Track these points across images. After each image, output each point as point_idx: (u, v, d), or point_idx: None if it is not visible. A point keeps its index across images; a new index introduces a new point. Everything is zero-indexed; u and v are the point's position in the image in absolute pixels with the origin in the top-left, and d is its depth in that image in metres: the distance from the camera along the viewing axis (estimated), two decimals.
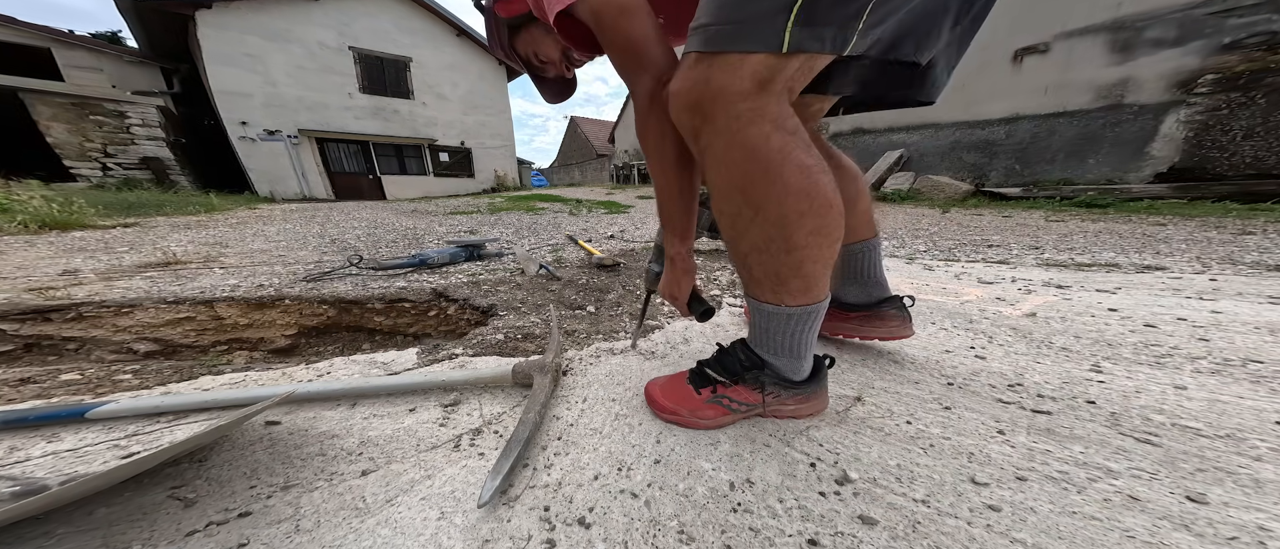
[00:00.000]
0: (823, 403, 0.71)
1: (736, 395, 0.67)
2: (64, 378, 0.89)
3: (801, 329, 0.61)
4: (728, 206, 0.55)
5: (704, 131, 0.51)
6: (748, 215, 0.53)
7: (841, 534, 0.48)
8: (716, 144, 0.51)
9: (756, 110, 0.47)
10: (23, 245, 2.76)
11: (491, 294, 1.59)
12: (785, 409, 0.68)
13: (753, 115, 0.47)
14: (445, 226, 4.18)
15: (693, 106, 0.51)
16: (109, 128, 9.32)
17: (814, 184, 0.50)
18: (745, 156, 0.49)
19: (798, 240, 0.52)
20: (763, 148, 0.48)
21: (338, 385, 0.78)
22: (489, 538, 0.48)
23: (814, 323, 0.62)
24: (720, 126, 0.49)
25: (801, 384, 0.67)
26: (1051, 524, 0.49)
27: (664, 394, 0.72)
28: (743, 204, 0.52)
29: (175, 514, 0.52)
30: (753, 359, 0.67)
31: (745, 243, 0.56)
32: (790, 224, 0.51)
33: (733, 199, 0.53)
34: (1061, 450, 0.62)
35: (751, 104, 0.47)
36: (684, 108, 0.52)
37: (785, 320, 0.60)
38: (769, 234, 0.53)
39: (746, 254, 0.57)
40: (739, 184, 0.51)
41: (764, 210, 0.51)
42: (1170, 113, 5.13)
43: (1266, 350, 0.93)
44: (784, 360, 0.65)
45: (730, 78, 0.46)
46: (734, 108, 0.47)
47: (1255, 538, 0.47)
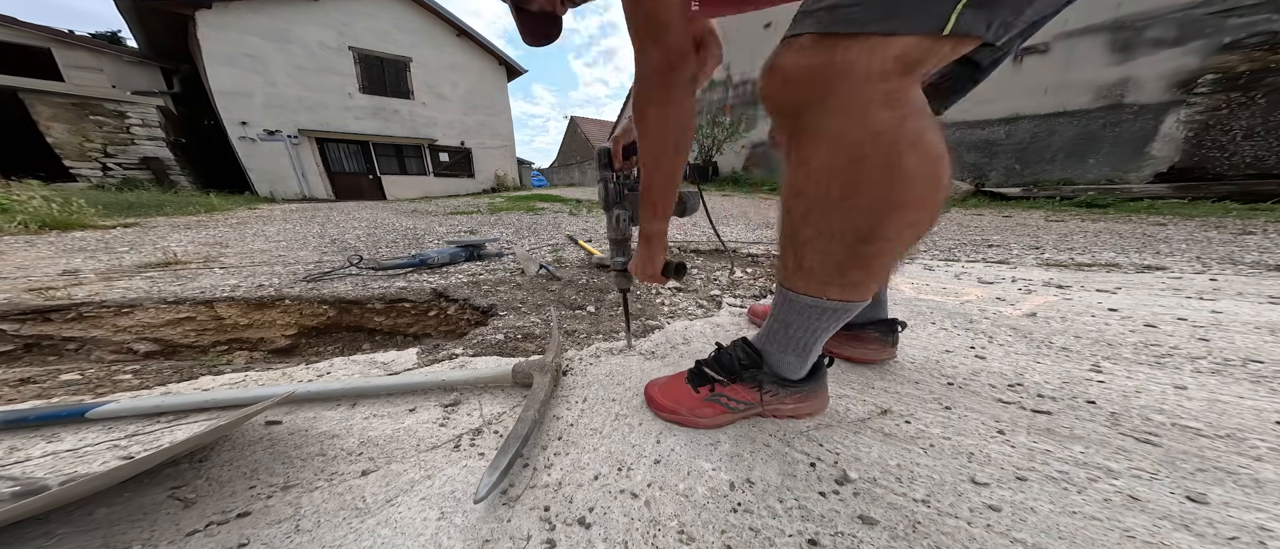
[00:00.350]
0: (823, 402, 0.70)
1: (734, 394, 0.67)
2: (64, 378, 0.89)
3: (825, 327, 0.59)
4: (811, 188, 0.48)
5: (812, 111, 0.44)
6: (834, 199, 0.46)
7: (841, 534, 0.48)
8: (829, 123, 0.44)
9: (894, 94, 0.41)
10: (23, 245, 2.76)
11: (491, 294, 1.59)
12: (784, 408, 0.68)
13: (888, 98, 0.41)
14: (445, 226, 4.18)
15: (806, 82, 0.44)
16: (109, 128, 9.33)
17: (937, 176, 0.44)
18: (870, 138, 0.42)
19: (886, 232, 0.46)
20: (892, 132, 0.41)
21: (338, 385, 0.78)
22: (489, 538, 0.48)
23: (839, 322, 0.59)
24: (843, 104, 0.42)
25: (799, 383, 0.67)
26: (1051, 524, 0.49)
27: (663, 394, 0.72)
28: (833, 185, 0.46)
29: (175, 514, 0.52)
30: (751, 357, 0.67)
31: (812, 228, 0.50)
32: (886, 213, 0.45)
33: (822, 181, 0.47)
34: (1061, 450, 0.62)
35: (891, 85, 0.40)
36: (791, 83, 0.45)
37: (818, 316, 0.57)
38: (851, 222, 0.47)
39: (807, 241, 0.52)
40: (842, 167, 0.45)
41: (859, 196, 0.45)
42: (1170, 113, 5.13)
43: (1266, 350, 0.93)
44: (789, 358, 0.64)
45: (867, 58, 0.40)
46: (865, 89, 0.41)
47: (1255, 538, 0.47)
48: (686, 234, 3.39)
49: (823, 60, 0.42)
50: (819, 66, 0.42)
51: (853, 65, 0.40)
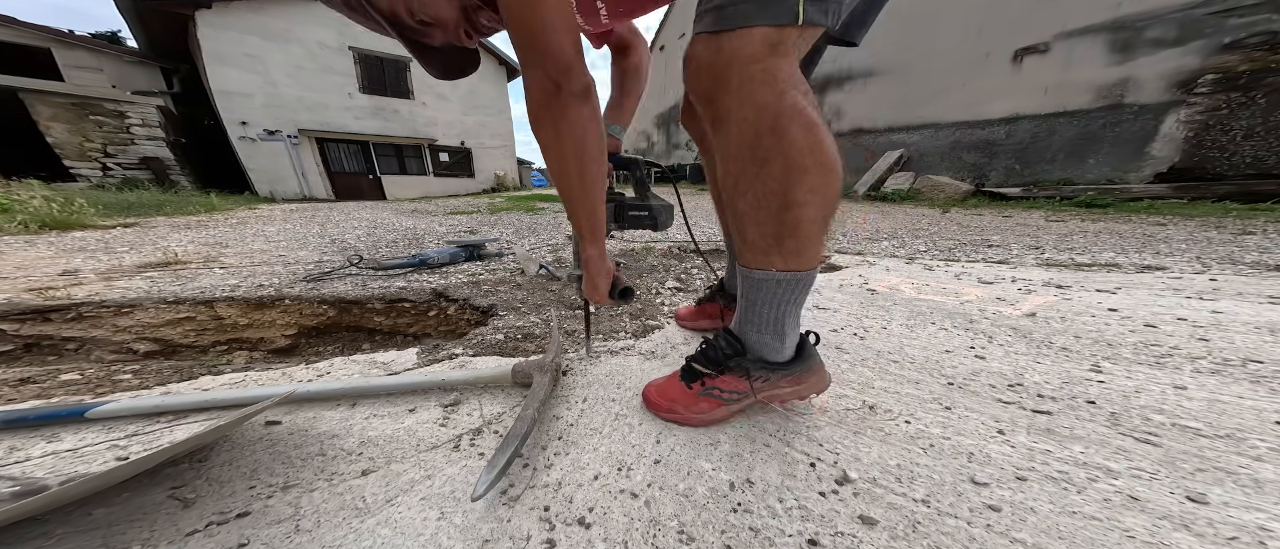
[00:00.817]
0: (821, 380, 0.69)
1: (724, 385, 0.67)
2: (64, 378, 0.89)
3: (787, 301, 0.61)
4: (733, 166, 0.56)
5: (719, 96, 0.54)
6: (752, 172, 0.54)
7: (841, 534, 0.48)
8: (731, 104, 0.53)
9: (769, 70, 0.50)
10: (23, 245, 2.76)
11: (491, 294, 1.59)
12: (781, 392, 0.67)
13: (765, 75, 0.50)
14: (445, 226, 4.18)
15: (706, 71, 0.54)
16: (109, 128, 9.33)
17: (819, 142, 0.52)
18: (757, 113, 0.51)
19: (797, 196, 0.53)
20: (774, 104, 0.51)
21: (338, 385, 0.78)
22: (489, 538, 0.48)
23: (799, 295, 0.62)
24: (734, 87, 0.52)
25: (788, 365, 0.66)
26: (1051, 524, 0.49)
27: (659, 394, 0.73)
28: (748, 161, 0.54)
29: (175, 514, 0.52)
30: (733, 345, 0.67)
31: (744, 201, 0.57)
32: (792, 179, 0.52)
33: (740, 157, 0.55)
34: (1061, 450, 0.62)
35: (764, 64, 0.50)
36: (702, 73, 0.55)
37: (774, 288, 0.60)
38: (770, 189, 0.54)
39: (744, 213, 0.58)
40: (748, 141, 0.53)
41: (769, 165, 0.53)
42: (1170, 113, 5.13)
43: (1266, 350, 0.93)
44: (766, 338, 0.65)
45: (742, 43, 0.50)
46: (748, 69, 0.51)
47: (1255, 538, 0.47)
48: (686, 234, 3.39)
49: (714, 50, 0.53)
50: (713, 56, 0.53)
51: (735, 52, 0.51)
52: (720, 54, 0.52)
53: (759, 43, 0.50)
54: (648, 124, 20.62)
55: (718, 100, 0.55)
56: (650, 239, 3.08)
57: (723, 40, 0.51)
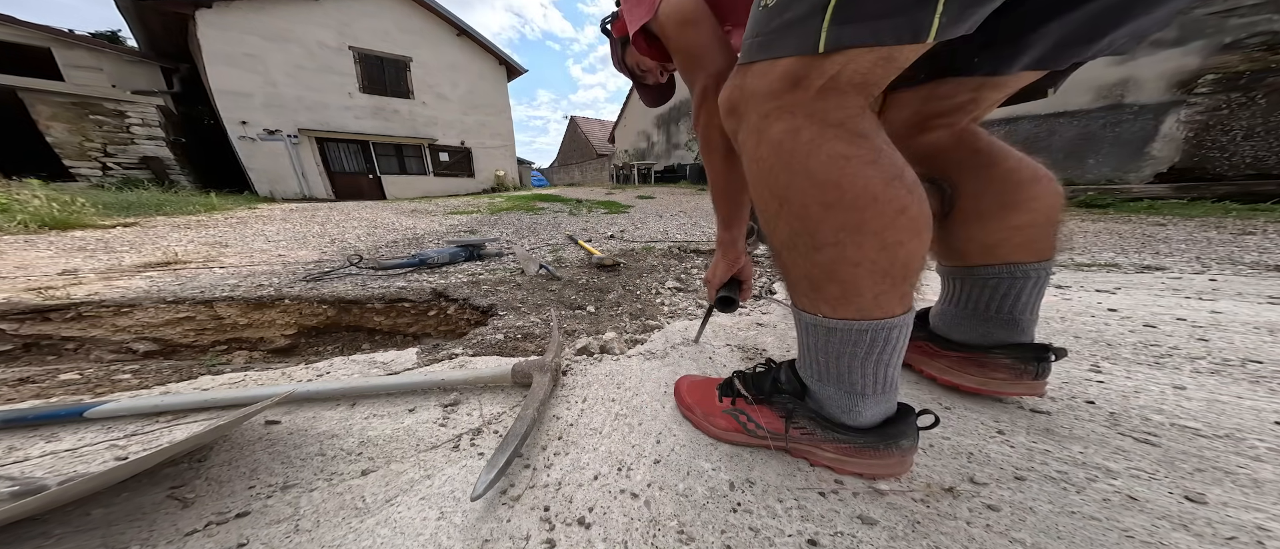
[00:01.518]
0: (894, 465, 0.55)
1: (756, 415, 0.61)
2: (63, 377, 0.89)
3: (849, 351, 0.51)
4: (759, 203, 0.53)
5: (739, 131, 0.53)
6: (774, 208, 0.51)
7: (841, 534, 0.48)
8: (748, 142, 0.51)
9: (784, 106, 0.47)
10: (23, 245, 2.76)
11: (491, 294, 1.59)
12: (822, 454, 0.57)
13: (779, 111, 0.47)
14: (445, 226, 4.18)
15: (728, 109, 0.53)
16: (109, 127, 9.32)
17: (844, 174, 0.45)
18: (771, 150, 0.48)
19: (824, 236, 0.47)
20: (787, 141, 0.47)
21: (337, 385, 0.78)
22: (489, 538, 0.48)
23: (872, 349, 0.50)
24: (751, 125, 0.50)
25: (855, 431, 0.54)
26: (1051, 524, 0.49)
27: (689, 391, 0.73)
28: (770, 197, 0.51)
29: (174, 514, 0.52)
30: (794, 384, 0.59)
31: (776, 239, 0.53)
32: (814, 218, 0.47)
33: (762, 194, 0.52)
34: (1061, 450, 0.62)
35: (780, 101, 0.47)
36: (723, 112, 0.55)
37: (826, 336, 0.52)
38: (794, 228, 0.49)
39: (779, 251, 0.54)
40: (766, 178, 0.50)
41: (788, 203, 0.49)
42: (1170, 113, 5.13)
43: (1266, 350, 0.93)
44: (829, 391, 0.55)
45: (759, 80, 0.48)
46: (763, 105, 0.48)
47: (1254, 538, 0.47)
48: (687, 234, 3.39)
49: (737, 83, 0.51)
50: (735, 89, 0.51)
51: (754, 89, 0.48)
52: (742, 90, 0.50)
53: (777, 79, 0.46)
54: (648, 124, 20.63)
55: (738, 136, 0.53)
56: (650, 239, 3.08)
57: (747, 77, 0.50)
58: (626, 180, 16.47)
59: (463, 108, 15.59)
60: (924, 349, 0.83)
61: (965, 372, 0.77)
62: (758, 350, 1.01)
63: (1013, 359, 0.72)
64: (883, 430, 0.54)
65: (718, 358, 0.97)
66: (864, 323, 0.49)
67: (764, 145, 0.49)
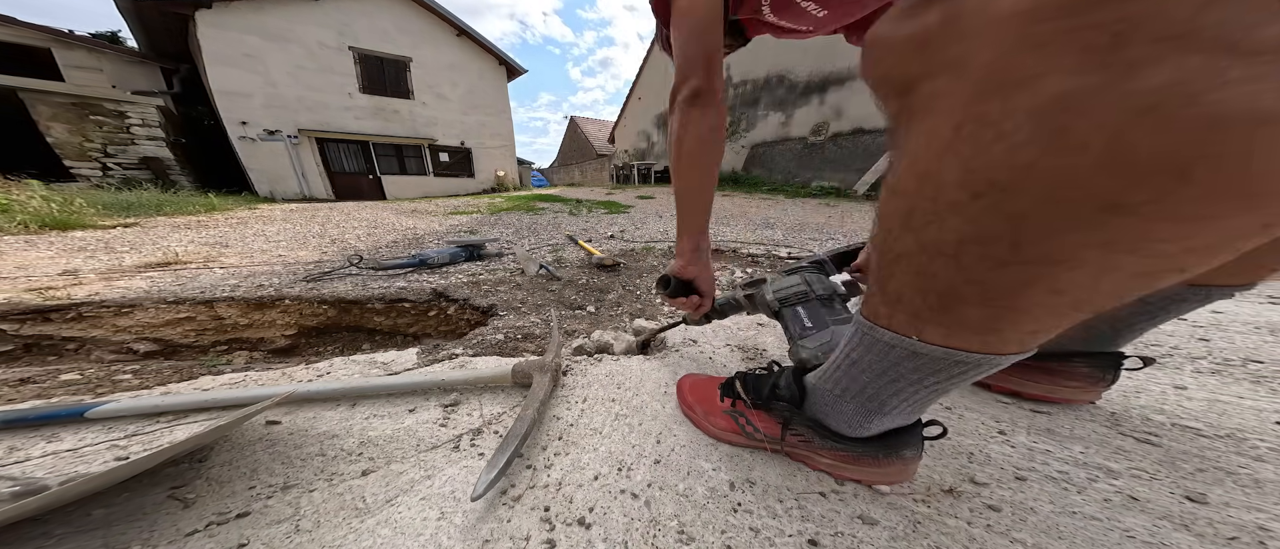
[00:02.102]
0: (891, 473, 0.53)
1: (754, 419, 0.60)
2: (64, 378, 0.89)
3: (915, 378, 0.41)
4: (919, 189, 0.33)
5: (924, 79, 0.30)
6: (961, 197, 0.30)
7: (841, 534, 0.48)
8: (950, 91, 0.28)
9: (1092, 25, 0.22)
10: (23, 245, 2.76)
11: (491, 294, 1.59)
12: (819, 461, 0.56)
13: (1072, 36, 0.23)
14: (445, 226, 4.18)
15: (912, 46, 0.30)
16: (109, 128, 9.32)
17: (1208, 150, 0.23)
18: (1028, 112, 0.25)
19: (1043, 248, 0.28)
20: (1079, 94, 0.23)
21: (338, 385, 0.78)
22: (489, 538, 0.48)
23: (944, 378, 0.40)
24: (968, 66, 0.27)
25: (852, 441, 0.52)
26: (1051, 524, 0.49)
27: (691, 389, 0.73)
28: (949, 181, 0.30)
29: (175, 514, 0.52)
30: (792, 391, 0.56)
31: (915, 239, 0.34)
32: (1055, 219, 0.27)
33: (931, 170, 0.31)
34: (1061, 450, 0.62)
35: (1076, 19, 0.23)
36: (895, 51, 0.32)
37: (900, 360, 0.41)
38: (982, 230, 0.30)
39: (906, 254, 0.36)
40: (965, 149, 0.28)
41: (1006, 193, 0.27)
42: None
43: (1266, 350, 0.93)
44: (845, 407, 0.50)
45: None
46: (1011, 30, 0.25)
47: (1255, 538, 0.47)
48: None
49: (937, 14, 0.28)
50: (931, 26, 0.29)
51: (988, 6, 0.25)
52: (943, 12, 0.28)
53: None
54: (647, 124, 20.62)
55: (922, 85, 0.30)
56: (650, 239, 3.09)
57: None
58: (626, 180, 16.47)
59: (463, 108, 15.59)
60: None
61: (1030, 379, 0.73)
62: (758, 351, 1.01)
63: (1092, 368, 0.68)
64: (884, 440, 0.51)
65: (718, 358, 0.97)
66: (975, 356, 0.36)
67: (1008, 99, 0.25)
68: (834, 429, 0.53)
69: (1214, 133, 0.21)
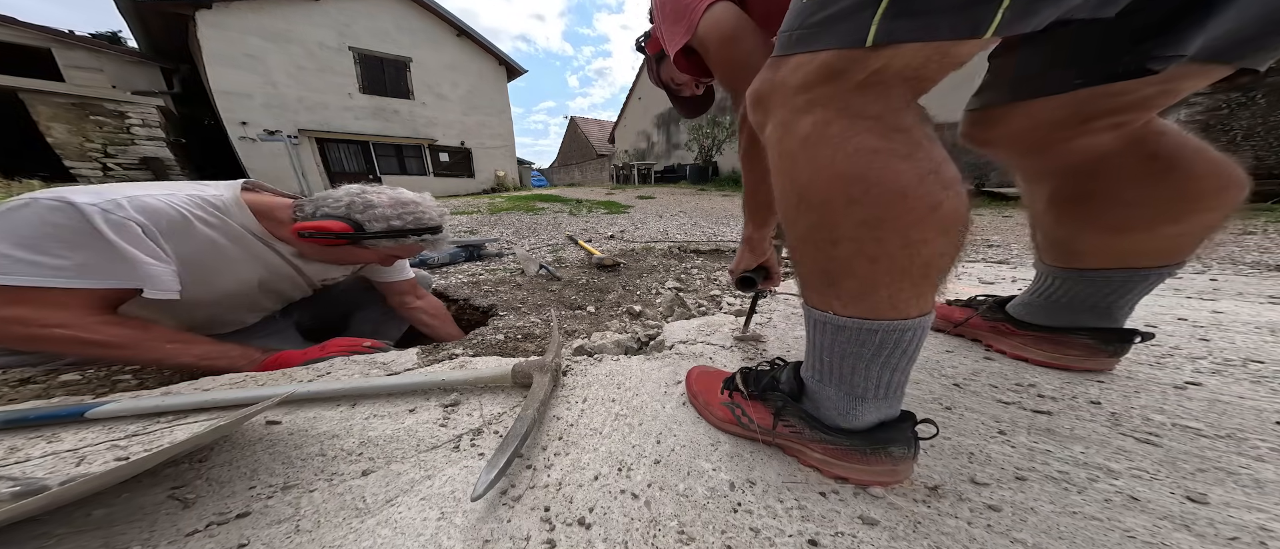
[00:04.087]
0: (883, 473, 0.53)
1: (749, 410, 0.62)
2: (64, 378, 0.89)
3: (855, 351, 0.49)
4: (780, 197, 0.50)
5: (766, 125, 0.50)
6: (793, 201, 0.48)
7: (841, 534, 0.48)
8: (774, 135, 0.48)
9: (816, 100, 0.44)
10: None
11: (491, 294, 1.59)
12: (810, 455, 0.57)
13: (810, 104, 0.44)
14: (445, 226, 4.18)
15: (755, 101, 0.50)
16: (109, 128, 9.33)
17: (871, 168, 0.42)
18: (797, 144, 0.45)
19: (843, 231, 0.44)
20: (815, 134, 0.44)
21: (338, 385, 0.78)
22: (489, 538, 0.48)
23: (880, 350, 0.48)
24: (779, 119, 0.47)
25: (842, 433, 0.53)
26: (1052, 524, 0.49)
27: (698, 379, 0.76)
28: (790, 190, 0.48)
29: (175, 514, 0.52)
30: (792, 384, 0.59)
31: (794, 232, 0.50)
32: (835, 211, 0.44)
33: (783, 187, 0.49)
34: (1062, 450, 0.62)
35: (812, 94, 0.44)
36: (750, 105, 0.52)
37: (834, 333, 0.50)
38: (811, 221, 0.47)
39: (794, 246, 0.51)
40: (789, 171, 0.47)
41: (809, 196, 0.46)
42: (1170, 113, 5.13)
43: (1267, 350, 0.93)
44: (832, 391, 0.53)
45: (793, 74, 0.45)
46: (793, 99, 0.45)
47: (1256, 538, 0.47)
48: (687, 234, 3.39)
49: (766, 79, 0.48)
50: (763, 85, 0.49)
51: (784, 80, 0.46)
52: (771, 82, 0.47)
53: (814, 71, 0.43)
54: (647, 124, 20.63)
55: (766, 129, 0.50)
56: (650, 239, 3.09)
57: (780, 70, 0.46)
58: (626, 181, 16.47)
59: (463, 108, 15.60)
60: (998, 329, 0.91)
61: (1038, 348, 0.83)
62: (759, 351, 1.02)
63: (1094, 340, 0.77)
64: (871, 434, 0.52)
65: (718, 358, 0.97)
66: (874, 322, 0.47)
67: (790, 138, 0.46)
68: (827, 421, 0.55)
69: (862, 158, 0.42)
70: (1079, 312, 0.80)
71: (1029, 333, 0.85)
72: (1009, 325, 0.89)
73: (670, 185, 12.84)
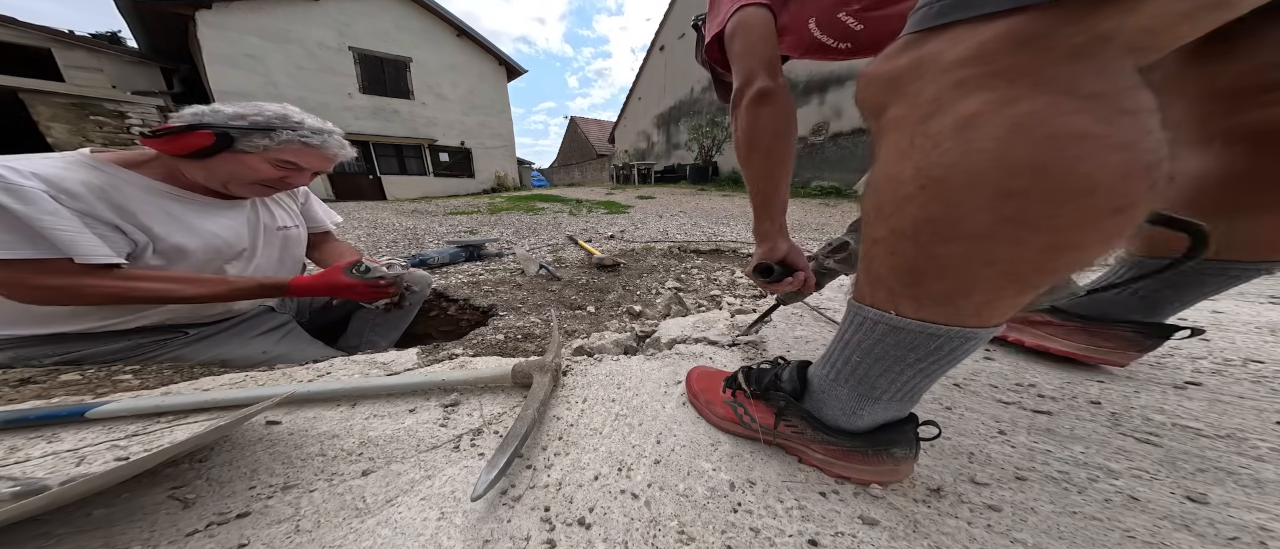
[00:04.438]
0: (885, 473, 0.53)
1: (752, 408, 0.62)
2: (64, 378, 0.89)
3: (900, 354, 0.45)
4: (888, 185, 0.41)
5: (891, 105, 0.40)
6: (908, 190, 0.39)
7: (841, 534, 0.48)
8: (908, 116, 0.38)
9: (997, 73, 0.33)
10: None
11: (491, 294, 1.59)
12: (811, 454, 0.57)
13: (988, 78, 0.34)
14: (445, 227, 4.19)
15: (886, 82, 0.40)
16: (109, 128, 9.32)
17: (1066, 156, 0.32)
18: (950, 126, 0.35)
19: (971, 227, 0.36)
20: (983, 112, 0.34)
21: (338, 385, 0.78)
22: (489, 538, 0.48)
23: (930, 356, 0.44)
24: (925, 96, 0.37)
25: (844, 434, 0.53)
26: (1052, 524, 0.49)
27: (698, 379, 0.76)
28: (908, 177, 0.39)
29: (175, 514, 0.52)
30: (794, 383, 0.58)
31: (887, 226, 0.42)
32: (975, 204, 0.35)
33: (900, 173, 0.40)
34: (1062, 450, 0.62)
35: (992, 67, 0.33)
36: (875, 85, 0.41)
37: (885, 334, 0.45)
38: (928, 215, 0.38)
39: (881, 238, 0.43)
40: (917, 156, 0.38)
41: (941, 185, 0.36)
42: None
43: (1267, 350, 0.93)
44: (840, 391, 0.51)
45: (953, 46, 0.35)
46: (957, 73, 0.35)
47: (1256, 538, 0.47)
48: (687, 234, 3.39)
49: (909, 52, 0.38)
50: (897, 64, 0.39)
51: (939, 55, 0.36)
52: (915, 57, 0.37)
53: (995, 40, 0.33)
54: (647, 124, 20.62)
55: (889, 110, 0.40)
56: (650, 239, 3.09)
57: (929, 42, 0.36)
58: (626, 180, 16.47)
59: (463, 108, 15.61)
60: (1031, 319, 0.89)
61: (1069, 338, 0.82)
62: (759, 351, 1.01)
63: (1134, 333, 0.76)
64: (873, 436, 0.51)
65: (718, 359, 0.97)
66: (944, 329, 0.41)
67: (939, 118, 0.36)
68: (828, 422, 0.54)
69: (1054, 144, 0.32)
70: (1123, 305, 0.79)
71: (1065, 323, 0.84)
72: (1045, 315, 0.87)
73: (670, 185, 12.85)
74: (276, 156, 1.00)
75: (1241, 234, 0.63)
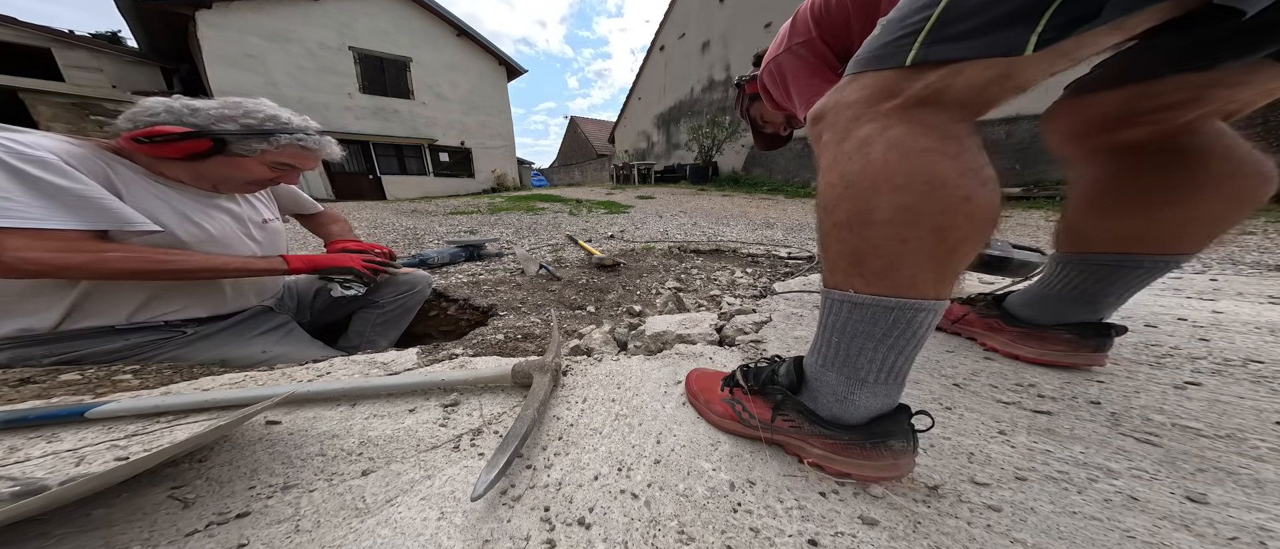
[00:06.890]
0: (885, 468, 0.54)
1: (749, 405, 0.63)
2: (63, 378, 0.89)
3: (866, 329, 0.51)
4: (824, 188, 0.55)
5: (823, 133, 0.56)
6: (838, 190, 0.52)
7: (841, 534, 0.48)
8: (830, 139, 0.54)
9: (879, 111, 0.50)
10: None
11: (491, 294, 1.59)
12: (810, 451, 0.57)
13: (872, 115, 0.50)
14: (445, 226, 4.19)
15: (816, 116, 0.57)
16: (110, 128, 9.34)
17: (921, 162, 0.47)
18: (855, 145, 0.50)
19: (881, 213, 0.48)
20: (874, 135, 0.49)
21: (338, 385, 0.78)
22: (489, 538, 0.48)
23: (891, 329, 0.50)
24: (839, 125, 0.53)
25: (841, 427, 0.55)
26: (1052, 524, 0.49)
27: (697, 379, 0.76)
28: (838, 180, 0.52)
29: (175, 514, 0.52)
30: (790, 378, 0.60)
31: (830, 220, 0.54)
32: (878, 196, 0.48)
33: (831, 178, 0.53)
34: (1062, 450, 0.62)
35: (875, 107, 0.50)
36: (811, 119, 0.59)
37: (850, 312, 0.52)
38: (853, 207, 0.51)
39: (828, 231, 0.54)
40: (839, 165, 0.52)
41: (855, 184, 0.50)
42: None
43: (1267, 350, 0.93)
44: (833, 376, 0.55)
45: (851, 91, 0.52)
46: (856, 110, 0.51)
47: (1256, 538, 0.47)
48: (687, 234, 3.39)
49: (830, 97, 0.55)
50: (827, 100, 0.56)
51: (848, 96, 0.52)
52: (835, 98, 0.54)
53: (868, 88, 0.50)
54: (647, 124, 20.63)
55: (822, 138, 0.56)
56: (650, 239, 3.09)
57: (844, 90, 0.53)
58: (626, 180, 16.46)
59: (463, 108, 15.61)
60: (990, 325, 0.94)
61: (1026, 344, 0.87)
62: (759, 350, 1.02)
63: (1073, 335, 0.81)
64: (870, 427, 0.53)
65: (718, 359, 0.97)
66: (892, 300, 0.49)
67: (849, 141, 0.51)
68: (823, 413, 0.56)
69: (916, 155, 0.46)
70: (1068, 304, 0.84)
71: (1017, 329, 0.89)
72: (1000, 321, 0.92)
73: (670, 185, 12.84)
74: (274, 159, 1.00)
75: (1135, 229, 0.73)
